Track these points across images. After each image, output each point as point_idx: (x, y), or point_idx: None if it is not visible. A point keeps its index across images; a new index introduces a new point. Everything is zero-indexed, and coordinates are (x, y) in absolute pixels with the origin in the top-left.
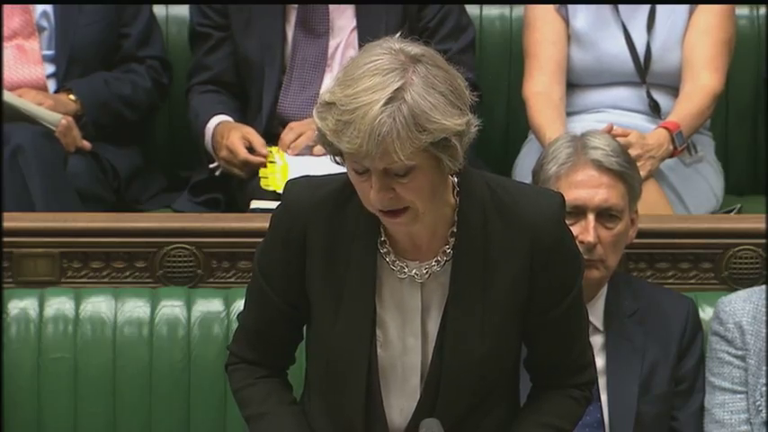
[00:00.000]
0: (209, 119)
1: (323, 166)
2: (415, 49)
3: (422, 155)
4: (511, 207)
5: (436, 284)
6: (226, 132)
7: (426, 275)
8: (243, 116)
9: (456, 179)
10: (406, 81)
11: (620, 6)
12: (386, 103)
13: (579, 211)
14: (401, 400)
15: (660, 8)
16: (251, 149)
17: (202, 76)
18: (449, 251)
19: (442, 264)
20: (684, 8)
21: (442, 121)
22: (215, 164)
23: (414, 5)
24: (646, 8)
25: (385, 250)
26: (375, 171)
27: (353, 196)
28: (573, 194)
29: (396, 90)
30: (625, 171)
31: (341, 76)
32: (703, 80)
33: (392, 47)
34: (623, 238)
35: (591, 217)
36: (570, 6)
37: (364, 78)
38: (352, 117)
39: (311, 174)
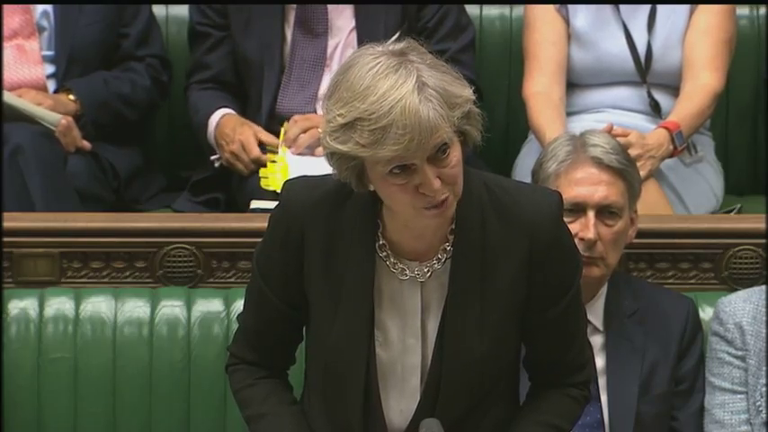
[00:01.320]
0: (213, 112)
1: (324, 166)
2: (395, 45)
3: (454, 132)
4: (509, 206)
5: (435, 284)
6: (238, 127)
7: (428, 274)
8: (242, 115)
9: None
10: (416, 70)
11: (621, 6)
12: (418, 92)
13: (579, 209)
14: (401, 401)
15: (661, 8)
16: (262, 148)
17: (202, 74)
18: (449, 249)
19: (442, 262)
20: (685, 8)
21: (462, 93)
22: (216, 156)
23: (413, 5)
24: (646, 8)
25: (384, 253)
26: (422, 162)
27: (351, 196)
28: (573, 192)
29: (416, 79)
30: (625, 169)
31: (347, 95)
32: (704, 80)
33: (375, 51)
34: (623, 236)
35: (591, 214)
36: (570, 6)
37: (378, 83)
38: (391, 118)
39: (311, 174)
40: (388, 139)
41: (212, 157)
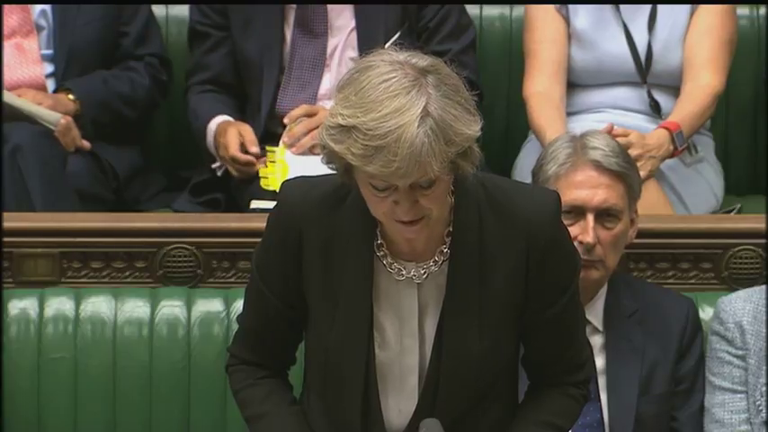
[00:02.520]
0: (210, 119)
1: (323, 166)
2: (420, 61)
3: (447, 166)
4: (506, 206)
5: (433, 285)
6: (223, 130)
7: (424, 276)
8: (242, 116)
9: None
10: (428, 98)
11: (621, 6)
12: (419, 125)
13: (578, 212)
14: (399, 401)
15: (661, 8)
16: (244, 146)
17: (201, 75)
18: (446, 251)
19: (439, 264)
20: (685, 8)
21: (465, 131)
22: (217, 164)
23: (413, 5)
24: (647, 8)
25: (382, 253)
26: (403, 188)
27: (349, 196)
28: (572, 195)
29: (423, 108)
30: (624, 171)
31: (354, 99)
32: (704, 80)
33: (396, 60)
34: (623, 238)
35: (590, 217)
36: (571, 6)
37: (386, 101)
38: (386, 141)
39: (311, 173)
40: (377, 159)
41: (213, 165)
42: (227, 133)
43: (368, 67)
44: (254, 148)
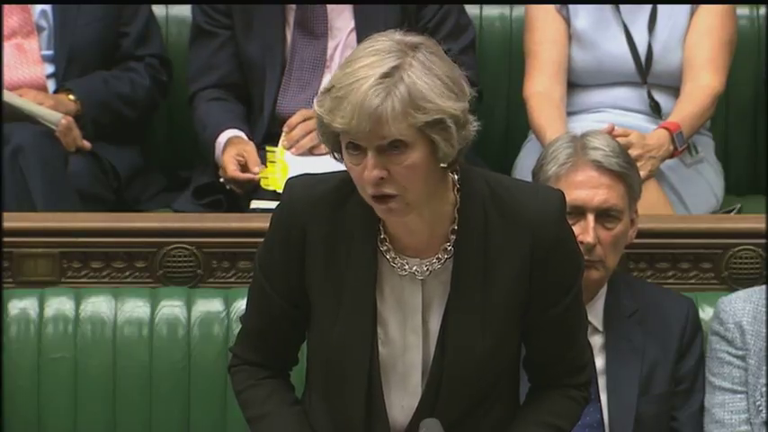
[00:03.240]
0: (220, 133)
1: (323, 165)
2: (415, 38)
3: (417, 135)
4: (511, 204)
5: (437, 282)
6: (226, 149)
7: (427, 272)
8: (246, 117)
9: (456, 177)
10: (404, 62)
11: (622, 6)
12: (380, 78)
13: (579, 212)
14: (402, 398)
15: (661, 8)
16: (245, 166)
17: (208, 78)
18: (449, 248)
19: (442, 261)
20: (686, 8)
21: (437, 101)
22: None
23: (413, 5)
24: (647, 8)
25: (385, 248)
26: (370, 147)
27: (353, 193)
28: (573, 195)
29: (392, 67)
30: (625, 171)
31: (342, 63)
32: (704, 80)
33: (393, 36)
34: (623, 238)
35: (590, 217)
36: (571, 6)
37: (362, 58)
38: (347, 91)
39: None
40: (339, 111)
41: (221, 180)
42: (226, 153)
43: (367, 39)
44: (256, 169)
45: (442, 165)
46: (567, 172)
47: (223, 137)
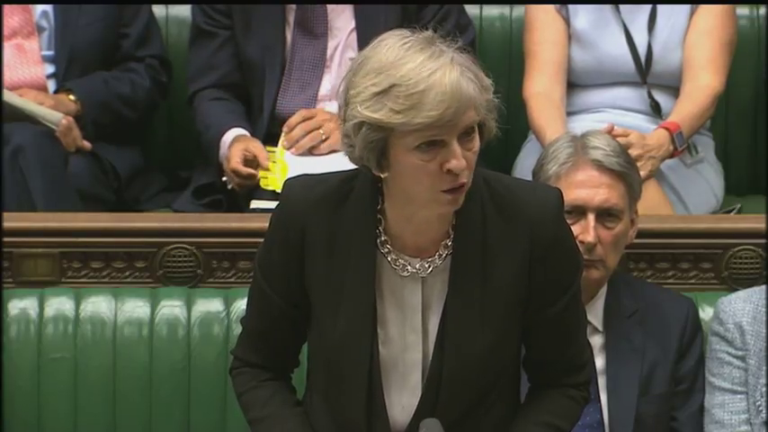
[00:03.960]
0: (225, 131)
1: (323, 166)
2: (422, 33)
3: (483, 112)
4: (510, 203)
5: (437, 281)
6: (233, 144)
7: (429, 270)
8: (247, 117)
9: None
10: (448, 50)
11: (621, 6)
12: (454, 66)
13: (579, 211)
14: (403, 397)
15: (661, 8)
16: (252, 161)
17: (208, 78)
18: (450, 245)
19: (443, 257)
20: (685, 8)
21: (487, 81)
22: (226, 177)
23: (413, 5)
24: (647, 8)
25: (386, 249)
26: (452, 137)
27: (352, 194)
28: (573, 194)
29: (451, 56)
30: (625, 171)
31: (378, 66)
32: (704, 81)
33: (403, 34)
34: (623, 238)
35: (591, 217)
36: (571, 6)
37: (415, 54)
38: (430, 83)
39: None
40: (425, 104)
41: (224, 178)
42: (233, 147)
43: (377, 45)
44: (266, 163)
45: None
46: (567, 171)
47: (229, 135)
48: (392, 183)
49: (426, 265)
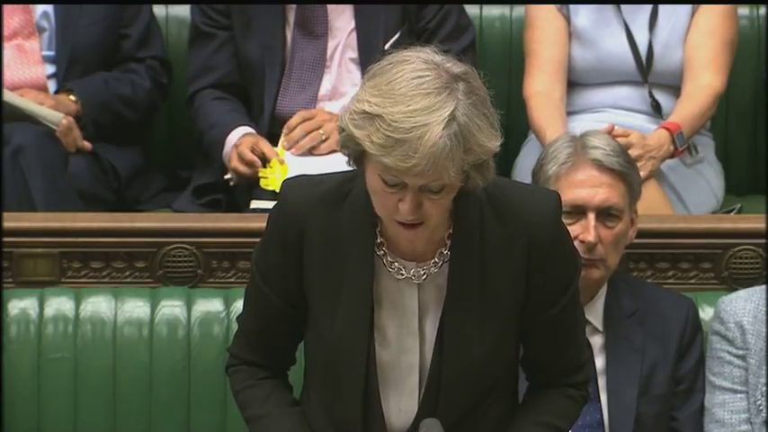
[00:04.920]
0: (231, 130)
1: (322, 166)
2: (454, 66)
3: (460, 174)
4: (507, 207)
5: (434, 286)
6: (241, 142)
7: (424, 276)
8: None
9: None
10: (458, 104)
11: (622, 5)
12: (444, 127)
13: (579, 211)
14: (399, 400)
15: (662, 8)
16: (261, 157)
17: (208, 78)
18: (446, 253)
19: (439, 265)
20: (686, 8)
21: (486, 144)
22: (229, 174)
23: (413, 6)
24: (648, 8)
25: (382, 252)
26: (413, 188)
27: (349, 195)
28: (573, 194)
29: (451, 112)
30: (625, 171)
31: (384, 89)
32: (705, 81)
33: (432, 60)
34: (623, 237)
35: (591, 216)
36: (572, 5)
37: (416, 97)
38: (408, 136)
39: (310, 173)
40: (396, 152)
41: (226, 177)
42: (244, 139)
43: (403, 60)
44: (273, 154)
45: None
46: (567, 171)
47: (235, 134)
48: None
49: (421, 272)
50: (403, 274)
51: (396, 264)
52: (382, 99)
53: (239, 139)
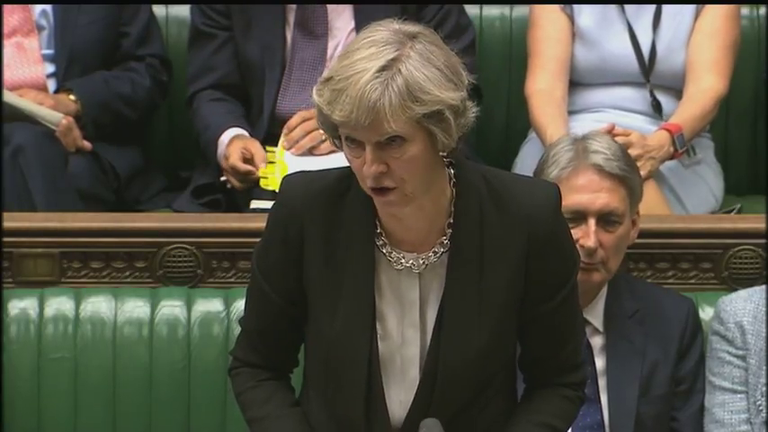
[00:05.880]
0: (223, 131)
1: (322, 166)
2: (413, 27)
3: (415, 128)
4: (507, 198)
5: (434, 275)
6: (231, 143)
7: (423, 266)
8: (246, 118)
9: (452, 171)
10: (402, 54)
11: (626, 6)
12: (378, 71)
13: (580, 216)
14: (401, 393)
15: (666, 8)
16: (250, 160)
17: (207, 79)
18: (446, 242)
19: (439, 255)
20: (690, 9)
21: (436, 93)
22: (225, 177)
23: (413, 6)
24: (651, 8)
25: (381, 242)
26: (368, 143)
27: (350, 189)
28: (574, 199)
29: (390, 60)
30: (626, 175)
31: (341, 53)
32: (707, 83)
33: (392, 25)
34: (624, 241)
35: (592, 221)
36: (575, 5)
37: (360, 49)
38: (345, 84)
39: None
40: (337, 103)
41: (222, 178)
42: (231, 146)
43: (366, 28)
44: (262, 165)
45: (441, 153)
46: (568, 176)
47: (226, 135)
48: None
49: (420, 261)
50: (403, 264)
51: (395, 254)
52: (337, 60)
53: (229, 141)
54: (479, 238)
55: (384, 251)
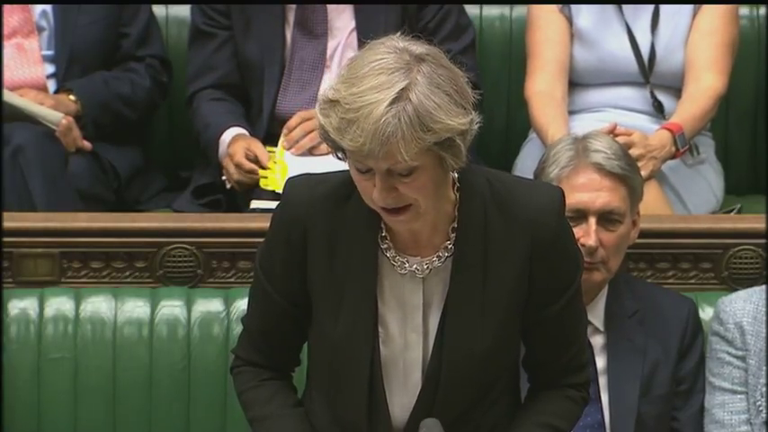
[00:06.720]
0: (224, 131)
1: (322, 166)
2: (419, 48)
3: (425, 154)
4: (511, 202)
5: (437, 280)
6: (234, 142)
7: (427, 271)
8: (246, 117)
9: (456, 175)
10: (411, 81)
11: (624, 6)
12: (391, 103)
13: (580, 215)
14: (403, 397)
15: (664, 8)
16: (254, 160)
17: (208, 78)
18: (450, 246)
19: (442, 259)
20: (688, 9)
21: (446, 121)
22: (225, 177)
23: (413, 6)
24: (649, 8)
25: (385, 246)
26: (378, 171)
27: (354, 192)
28: (574, 198)
29: (401, 90)
30: (627, 174)
31: (345, 74)
32: (707, 82)
33: (396, 45)
34: (625, 240)
35: (592, 220)
36: (573, 6)
37: (369, 77)
38: (357, 116)
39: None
40: (348, 133)
41: (224, 178)
42: (235, 144)
43: (369, 48)
44: (266, 162)
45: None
46: (568, 175)
47: (228, 134)
48: None
49: (425, 266)
50: (406, 269)
51: (398, 258)
52: (341, 84)
53: (231, 141)
54: (483, 243)
55: (388, 255)
